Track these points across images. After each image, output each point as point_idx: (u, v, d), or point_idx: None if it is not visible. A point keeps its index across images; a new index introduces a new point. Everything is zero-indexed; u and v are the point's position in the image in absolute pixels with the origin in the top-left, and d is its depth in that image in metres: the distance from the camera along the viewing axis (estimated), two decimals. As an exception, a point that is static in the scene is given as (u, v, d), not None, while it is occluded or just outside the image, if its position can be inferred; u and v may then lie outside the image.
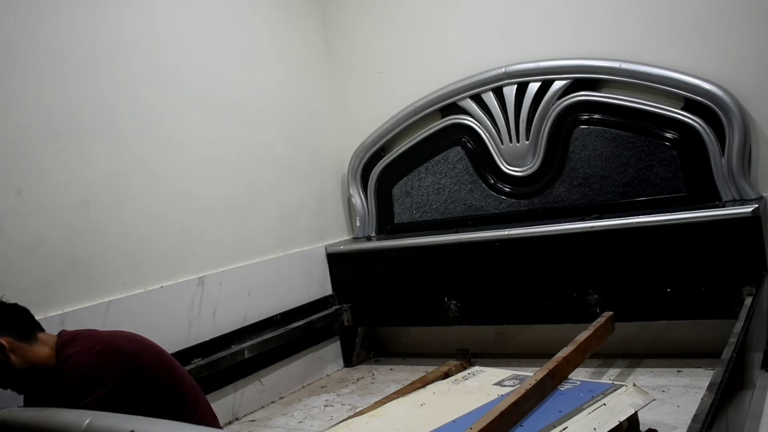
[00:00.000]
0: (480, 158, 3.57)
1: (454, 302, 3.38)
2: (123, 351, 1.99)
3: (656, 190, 3.14)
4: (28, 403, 2.04)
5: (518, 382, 2.46)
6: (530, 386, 2.12)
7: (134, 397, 1.94)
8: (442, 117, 3.66)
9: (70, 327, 2.19)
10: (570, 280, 3.09)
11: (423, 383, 2.78)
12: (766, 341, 2.76)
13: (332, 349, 3.71)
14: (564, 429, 1.97)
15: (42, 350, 1.98)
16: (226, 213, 3.21)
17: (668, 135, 3.11)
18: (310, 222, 3.73)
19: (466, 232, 3.39)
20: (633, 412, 2.15)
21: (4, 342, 1.92)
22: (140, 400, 1.95)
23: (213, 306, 3.04)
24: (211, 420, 2.18)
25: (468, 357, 3.25)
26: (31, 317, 2.05)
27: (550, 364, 2.30)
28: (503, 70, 3.43)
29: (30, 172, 2.45)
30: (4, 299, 2.04)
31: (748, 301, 2.56)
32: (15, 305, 2.03)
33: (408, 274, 3.52)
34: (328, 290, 3.73)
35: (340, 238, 3.93)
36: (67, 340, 2.00)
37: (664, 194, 3.12)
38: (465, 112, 3.57)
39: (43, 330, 2.06)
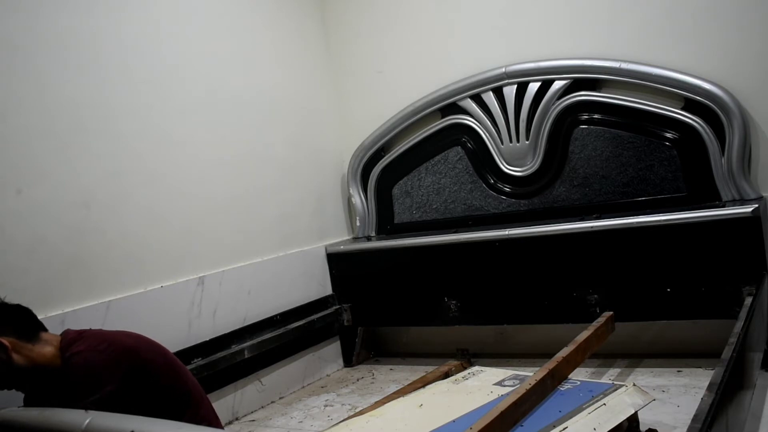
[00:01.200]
0: (480, 158, 3.56)
1: (454, 302, 3.38)
2: (129, 349, 1.99)
3: (656, 190, 3.14)
4: (28, 403, 2.04)
5: (518, 382, 2.46)
6: (530, 386, 2.12)
7: (139, 396, 1.94)
8: (442, 117, 3.66)
9: (70, 327, 2.19)
10: (570, 280, 3.09)
11: (423, 383, 2.78)
12: (766, 341, 2.75)
13: (332, 349, 3.71)
14: (564, 429, 1.97)
15: (46, 350, 1.98)
16: (226, 213, 3.21)
17: (668, 135, 3.11)
18: (310, 222, 3.73)
19: (466, 232, 3.39)
20: (633, 412, 2.15)
21: (6, 342, 1.92)
22: (145, 399, 1.95)
23: (213, 306, 3.04)
24: (213, 420, 2.18)
25: (468, 357, 3.25)
26: (34, 317, 2.05)
27: (550, 364, 2.30)
28: (503, 70, 3.43)
29: (30, 172, 2.45)
30: (6, 300, 2.04)
31: (748, 301, 2.56)
32: (17, 306, 2.03)
33: (408, 274, 3.52)
34: (328, 290, 3.73)
35: (340, 238, 3.93)
36: (73, 338, 2.00)
37: (664, 194, 3.12)
38: (465, 112, 3.57)
39: (46, 330, 2.06)
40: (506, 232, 3.24)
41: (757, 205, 2.75)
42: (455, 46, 3.64)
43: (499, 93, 3.47)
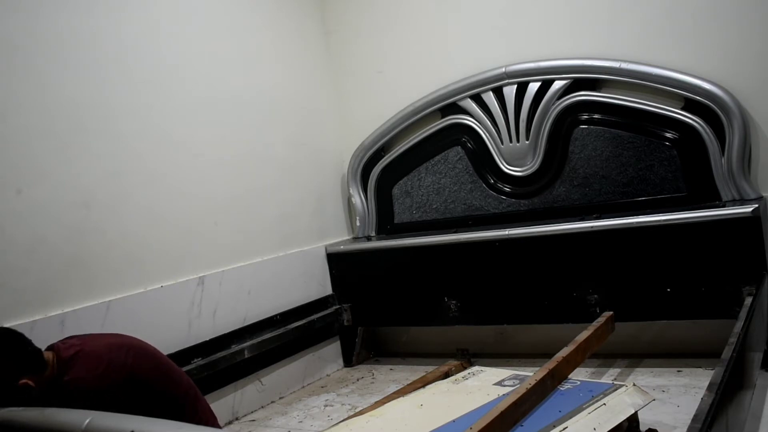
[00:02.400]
0: (480, 158, 3.56)
1: (454, 302, 3.38)
2: (125, 366, 1.99)
3: (656, 190, 3.14)
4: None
5: (518, 382, 2.46)
6: (530, 386, 2.12)
7: (133, 406, 1.94)
8: (442, 117, 3.66)
9: (70, 327, 2.19)
10: (570, 280, 3.09)
11: (423, 383, 2.78)
12: (766, 341, 2.75)
13: (332, 349, 3.71)
14: (564, 429, 1.97)
15: (50, 371, 1.97)
16: (226, 213, 3.21)
17: (668, 135, 3.11)
18: (310, 222, 3.73)
19: (466, 232, 3.39)
20: (633, 412, 2.15)
21: (31, 383, 1.91)
22: (138, 408, 1.95)
23: (213, 306, 3.04)
24: (210, 418, 2.18)
25: (468, 357, 3.25)
26: (30, 343, 1.99)
27: (550, 364, 2.30)
28: (503, 70, 3.43)
29: (30, 172, 2.45)
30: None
31: (748, 301, 2.56)
32: (8, 332, 1.98)
33: (408, 274, 3.52)
34: (328, 290, 3.73)
35: (340, 238, 3.93)
36: (67, 359, 1.97)
37: (664, 194, 3.12)
38: (465, 112, 3.56)
39: (41, 350, 2.01)
40: (506, 232, 3.24)
41: (757, 205, 2.75)
42: (455, 46, 3.63)
43: (499, 93, 3.47)
